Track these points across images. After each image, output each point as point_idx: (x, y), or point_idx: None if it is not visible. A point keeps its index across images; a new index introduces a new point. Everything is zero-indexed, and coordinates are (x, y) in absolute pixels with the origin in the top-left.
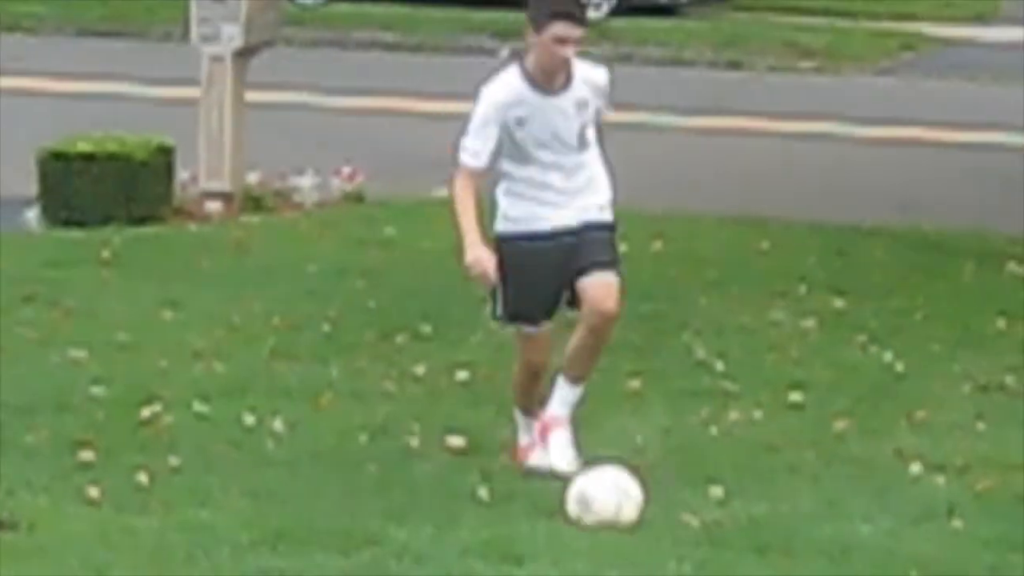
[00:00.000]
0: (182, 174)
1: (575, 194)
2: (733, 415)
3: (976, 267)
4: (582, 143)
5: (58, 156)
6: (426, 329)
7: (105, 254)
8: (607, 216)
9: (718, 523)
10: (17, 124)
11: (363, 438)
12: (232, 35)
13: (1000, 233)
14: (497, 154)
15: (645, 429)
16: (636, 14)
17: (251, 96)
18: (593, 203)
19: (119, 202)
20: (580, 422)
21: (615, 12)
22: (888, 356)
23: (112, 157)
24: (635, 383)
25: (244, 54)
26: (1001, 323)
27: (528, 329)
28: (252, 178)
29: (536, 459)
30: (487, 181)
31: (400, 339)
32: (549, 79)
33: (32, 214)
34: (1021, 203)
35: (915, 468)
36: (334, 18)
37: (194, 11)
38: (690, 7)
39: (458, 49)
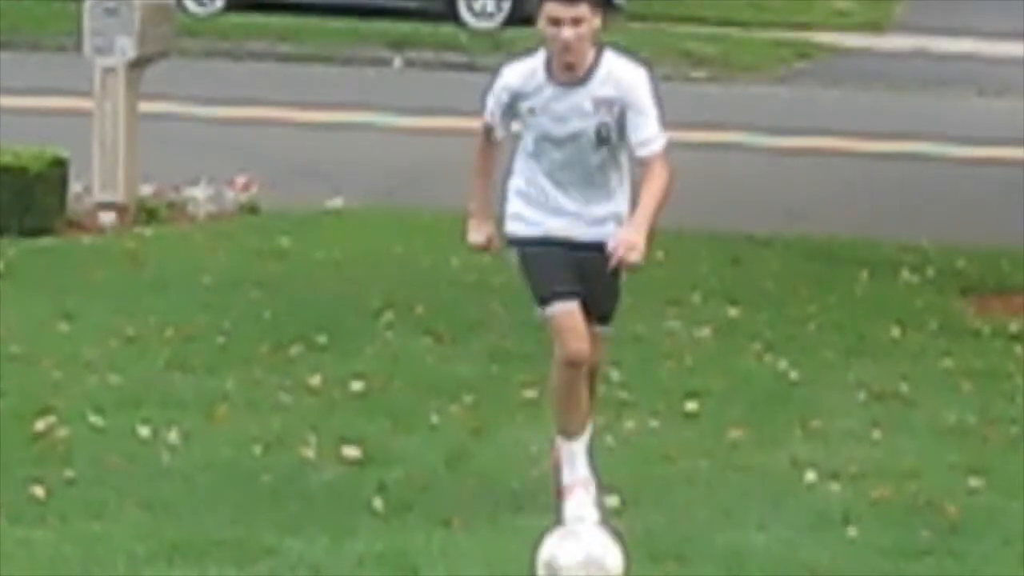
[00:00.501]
0: (75, 186)
1: (591, 202)
2: (628, 424)
3: (869, 276)
4: (604, 142)
5: None
6: (321, 340)
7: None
8: None
9: (615, 532)
10: None
11: (258, 449)
12: (125, 47)
13: (893, 241)
14: (508, 126)
15: (539, 439)
16: (525, 24)
17: (145, 107)
18: (609, 213)
19: (12, 214)
20: (474, 432)
21: (509, 22)
22: (783, 364)
23: (5, 169)
24: (530, 393)
25: (137, 65)
26: (895, 331)
27: (562, 307)
28: (146, 190)
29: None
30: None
31: (295, 350)
32: (562, 69)
33: None
34: (915, 211)
35: (810, 476)
36: (228, 29)
37: (87, 23)
38: None
39: (352, 59)
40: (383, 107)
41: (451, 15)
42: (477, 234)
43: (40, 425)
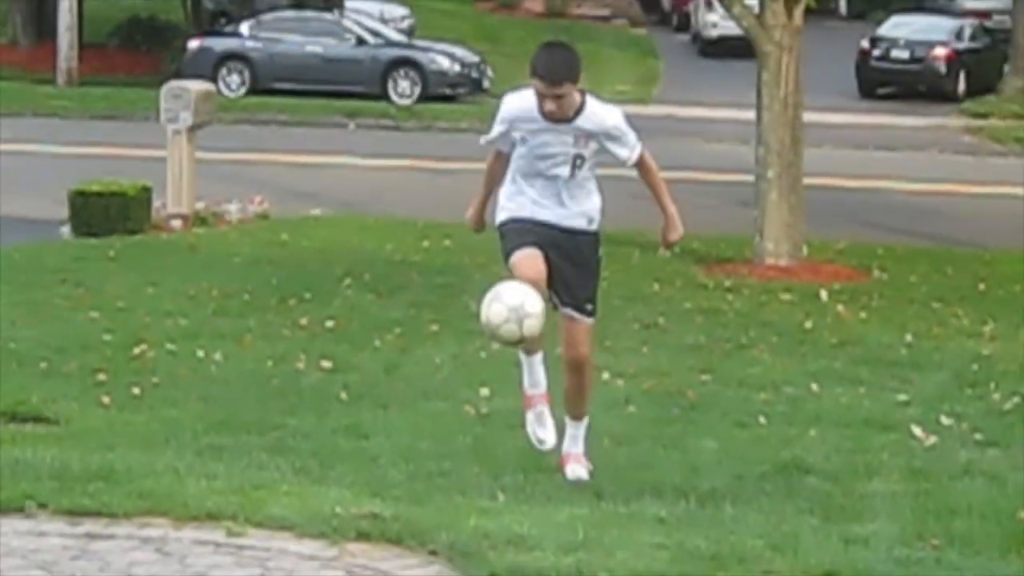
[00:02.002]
0: (156, 203)
1: (566, 204)
2: (494, 345)
3: (640, 253)
4: (577, 168)
5: (81, 193)
6: (307, 296)
7: (110, 253)
8: (593, 226)
9: (488, 413)
10: (55, 175)
11: (270, 363)
12: (185, 118)
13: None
14: (509, 143)
15: (441, 354)
16: (431, 101)
17: (198, 155)
18: (580, 212)
19: (118, 221)
20: (401, 351)
21: (419, 100)
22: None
23: (112, 193)
24: (434, 327)
25: (193, 129)
26: (656, 286)
27: (523, 251)
28: (199, 205)
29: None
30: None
31: (291, 302)
32: (550, 115)
33: (65, 229)
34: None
35: (605, 375)
36: (248, 106)
37: (162, 103)
38: (466, 96)
39: (324, 123)
40: (344, 152)
41: (384, 96)
42: (471, 211)
43: (136, 350)
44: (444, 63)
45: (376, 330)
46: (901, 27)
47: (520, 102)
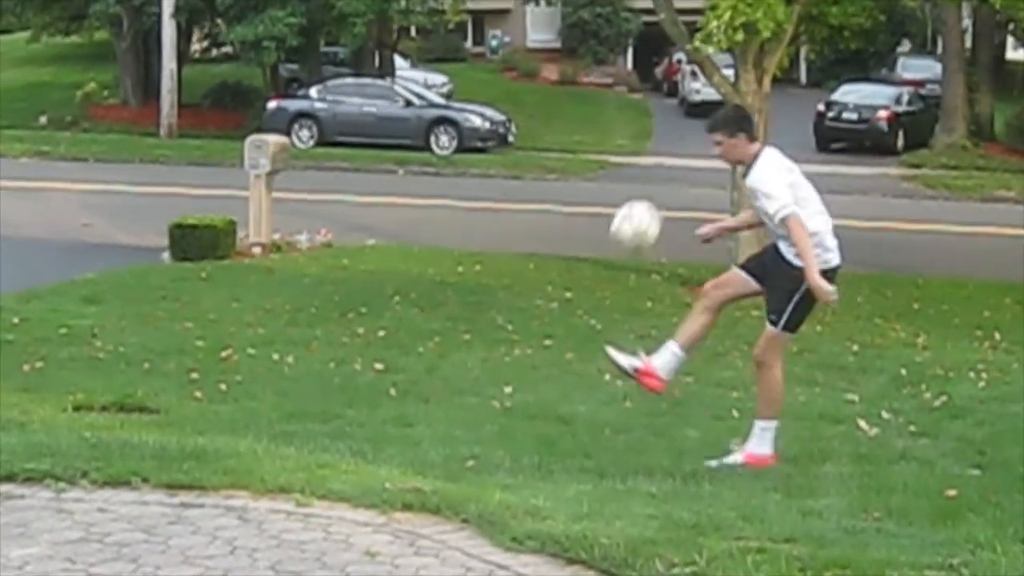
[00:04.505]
0: (240, 234)
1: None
2: (516, 351)
3: (636, 277)
4: (767, 215)
5: (179, 225)
6: (363, 310)
7: (203, 275)
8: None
9: (511, 407)
10: (158, 211)
11: (332, 365)
12: (265, 165)
13: (650, 260)
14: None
15: (472, 358)
16: (466, 152)
17: (275, 195)
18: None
19: (210, 248)
20: (440, 356)
21: (457, 151)
22: (592, 322)
23: (206, 226)
24: (467, 336)
25: (271, 174)
26: (649, 304)
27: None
28: (275, 236)
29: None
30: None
31: (350, 315)
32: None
33: (166, 255)
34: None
35: (607, 377)
36: (316, 155)
37: (247, 152)
38: (495, 148)
39: (377, 170)
40: (394, 194)
41: (427, 147)
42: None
43: (223, 354)
44: (476, 121)
45: (419, 338)
46: (851, 93)
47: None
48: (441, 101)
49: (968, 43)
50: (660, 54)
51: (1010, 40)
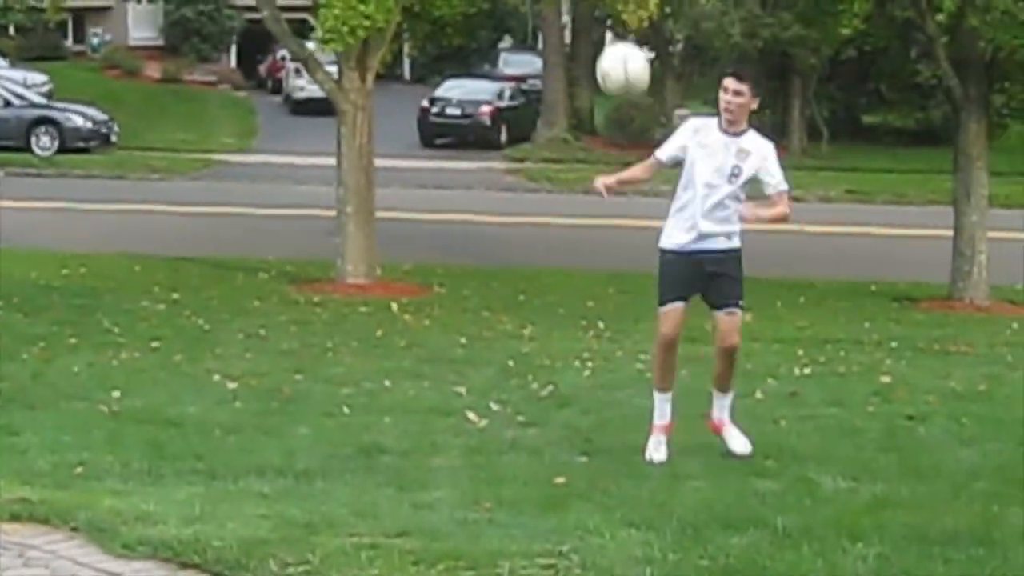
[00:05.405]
0: None
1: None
2: (123, 354)
3: (244, 276)
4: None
5: None
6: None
7: None
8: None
9: (119, 411)
10: None
11: None
12: None
13: (257, 258)
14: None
15: (79, 363)
16: (68, 152)
17: None
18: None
19: None
20: (40, 362)
21: (59, 152)
22: (200, 322)
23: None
24: (73, 340)
25: None
26: (257, 303)
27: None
28: None
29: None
30: None
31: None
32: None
33: None
34: (254, 241)
35: (216, 377)
36: None
37: None
38: (98, 148)
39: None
40: None
41: (28, 148)
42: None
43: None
44: (78, 121)
45: (23, 344)
46: (454, 89)
47: None
48: (42, 101)
49: (568, 38)
50: (264, 52)
51: (608, 35)
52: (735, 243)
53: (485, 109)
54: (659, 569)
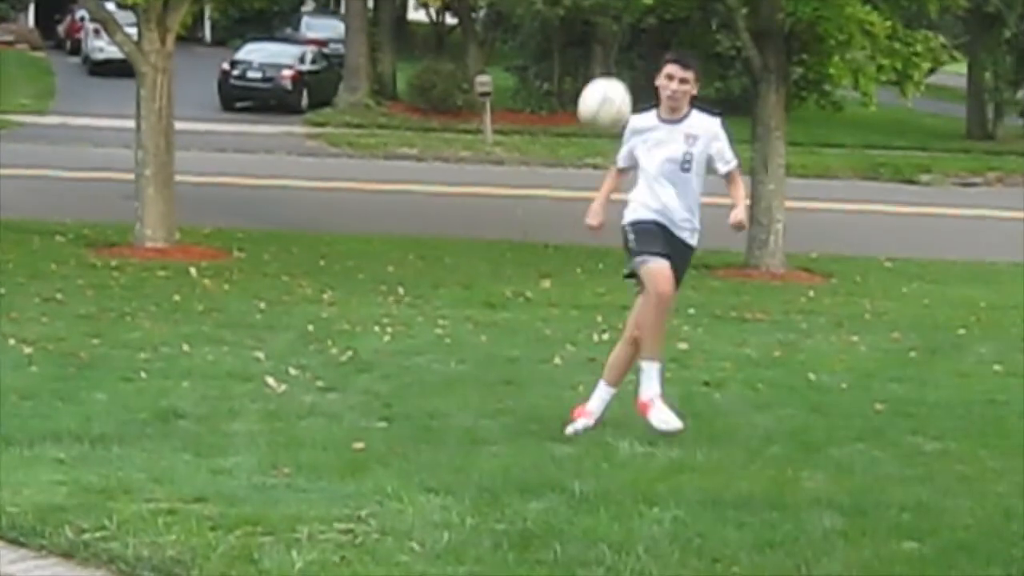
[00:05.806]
0: None
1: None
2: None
3: (40, 239)
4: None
5: None
6: None
7: None
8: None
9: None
10: None
11: None
12: None
13: (53, 220)
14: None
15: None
16: None
17: None
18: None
19: None
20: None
21: None
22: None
23: None
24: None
25: None
26: (54, 266)
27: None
28: None
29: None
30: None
31: None
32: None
33: None
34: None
35: (11, 341)
36: None
37: None
38: None
39: None
40: None
41: None
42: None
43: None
44: None
45: None
46: (255, 52)
47: None
48: None
49: (371, 3)
50: (62, 11)
51: (411, 1)
52: (694, 242)
53: (286, 73)
54: (457, 534)
